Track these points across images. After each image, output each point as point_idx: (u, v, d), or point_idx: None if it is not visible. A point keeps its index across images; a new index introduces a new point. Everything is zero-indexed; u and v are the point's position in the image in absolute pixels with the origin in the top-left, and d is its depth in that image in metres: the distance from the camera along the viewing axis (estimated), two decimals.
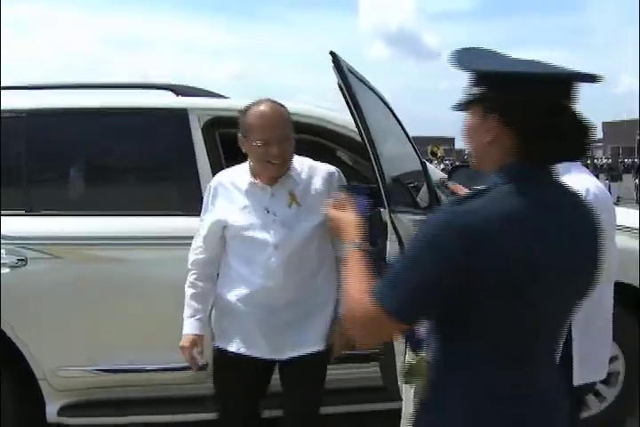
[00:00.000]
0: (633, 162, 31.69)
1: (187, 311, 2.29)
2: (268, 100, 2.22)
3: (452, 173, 2.96)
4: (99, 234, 2.85)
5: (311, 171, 2.27)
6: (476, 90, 1.34)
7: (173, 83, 3.31)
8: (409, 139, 2.76)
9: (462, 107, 1.37)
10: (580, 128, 1.31)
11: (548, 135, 1.28)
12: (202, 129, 2.99)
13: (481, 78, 1.33)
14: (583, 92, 2.12)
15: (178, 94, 3.18)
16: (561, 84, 1.31)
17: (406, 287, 1.24)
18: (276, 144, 2.13)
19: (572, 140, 1.31)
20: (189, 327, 2.28)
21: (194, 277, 2.30)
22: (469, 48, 1.41)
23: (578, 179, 2.12)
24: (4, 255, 2.76)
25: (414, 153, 2.77)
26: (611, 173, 21.62)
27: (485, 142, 1.33)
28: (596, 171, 23.48)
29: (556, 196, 1.35)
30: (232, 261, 2.24)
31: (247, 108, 2.21)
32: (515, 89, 1.29)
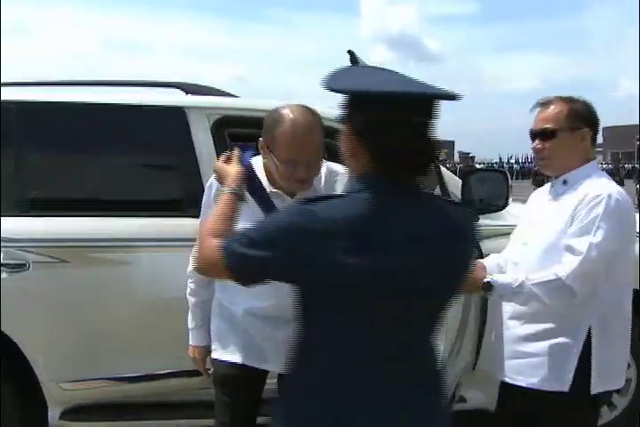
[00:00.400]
0: (633, 167, 31.60)
1: (192, 321, 2.26)
2: (301, 107, 1.94)
3: (464, 177, 2.91)
4: (107, 236, 2.75)
5: (331, 176, 2.12)
6: (343, 106, 1.41)
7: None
8: None
9: (340, 123, 1.44)
10: (425, 149, 1.36)
11: (393, 155, 1.33)
12: (211, 128, 2.92)
13: (345, 97, 1.40)
14: (584, 95, 2.09)
15: (187, 93, 3.12)
16: (412, 103, 1.34)
17: (248, 255, 1.33)
18: (304, 166, 1.91)
19: (417, 159, 1.36)
20: (198, 338, 2.24)
21: (194, 284, 2.24)
22: (352, 66, 1.50)
23: (599, 184, 2.08)
24: (2, 259, 2.61)
25: None
26: (612, 179, 21.52)
27: (347, 157, 1.41)
28: None
29: (410, 207, 1.36)
30: None
31: (277, 116, 1.92)
32: (364, 108, 1.34)
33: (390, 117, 1.32)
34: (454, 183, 2.97)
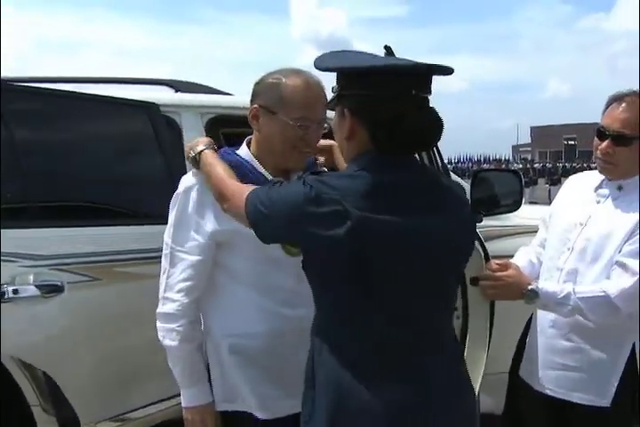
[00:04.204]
0: (564, 166, 32.63)
1: (193, 375, 1.79)
2: (305, 71, 1.73)
3: (474, 176, 2.78)
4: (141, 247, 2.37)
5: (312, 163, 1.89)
6: (335, 88, 1.41)
7: None
8: None
9: (331, 106, 1.45)
10: (430, 122, 1.35)
11: (395, 129, 1.31)
12: (205, 128, 2.72)
13: (338, 76, 1.40)
14: (512, 96, 1.87)
15: (177, 90, 2.90)
16: (407, 76, 1.32)
17: (264, 216, 1.38)
18: (315, 128, 1.71)
19: (421, 133, 1.34)
20: (206, 393, 1.79)
21: (185, 327, 1.80)
22: (338, 51, 1.45)
23: None
24: (31, 283, 2.17)
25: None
26: (551, 178, 22.32)
27: (344, 138, 1.40)
28: (536, 175, 24.13)
29: (410, 181, 1.36)
30: (239, 287, 1.74)
31: (278, 76, 1.70)
32: (360, 83, 1.33)
33: (388, 92, 1.30)
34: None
